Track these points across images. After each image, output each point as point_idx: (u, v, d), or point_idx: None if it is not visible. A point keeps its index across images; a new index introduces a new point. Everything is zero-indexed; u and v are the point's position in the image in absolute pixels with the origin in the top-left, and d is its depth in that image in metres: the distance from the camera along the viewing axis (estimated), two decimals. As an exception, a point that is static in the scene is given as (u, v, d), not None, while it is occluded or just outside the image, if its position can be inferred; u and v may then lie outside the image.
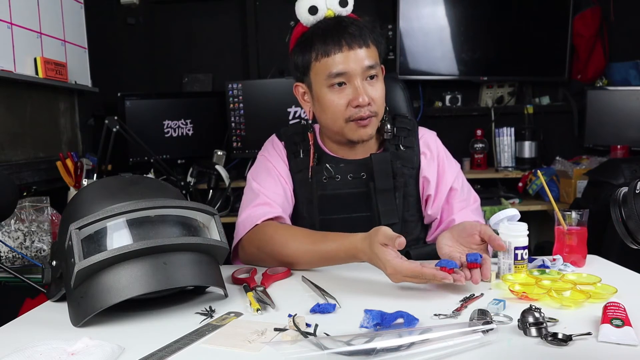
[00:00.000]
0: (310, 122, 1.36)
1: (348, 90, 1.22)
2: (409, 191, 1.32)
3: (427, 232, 1.38)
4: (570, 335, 0.74)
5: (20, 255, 1.63)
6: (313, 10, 1.24)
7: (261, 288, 0.99)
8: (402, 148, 1.33)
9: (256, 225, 1.23)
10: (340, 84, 1.22)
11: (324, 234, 1.14)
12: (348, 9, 1.26)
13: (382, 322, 0.80)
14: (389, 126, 1.31)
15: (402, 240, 0.95)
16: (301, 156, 1.32)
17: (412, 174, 1.32)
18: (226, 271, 1.05)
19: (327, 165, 1.30)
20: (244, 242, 1.24)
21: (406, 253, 1.27)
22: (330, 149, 1.34)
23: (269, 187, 1.30)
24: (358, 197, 1.29)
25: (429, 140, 1.37)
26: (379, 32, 1.26)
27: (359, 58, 1.20)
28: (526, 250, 1.06)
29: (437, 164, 1.34)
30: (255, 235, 1.22)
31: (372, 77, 1.23)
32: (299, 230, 1.19)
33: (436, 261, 0.99)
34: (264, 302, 0.92)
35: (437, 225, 1.34)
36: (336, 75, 1.20)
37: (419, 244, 1.33)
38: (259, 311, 0.89)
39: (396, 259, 0.95)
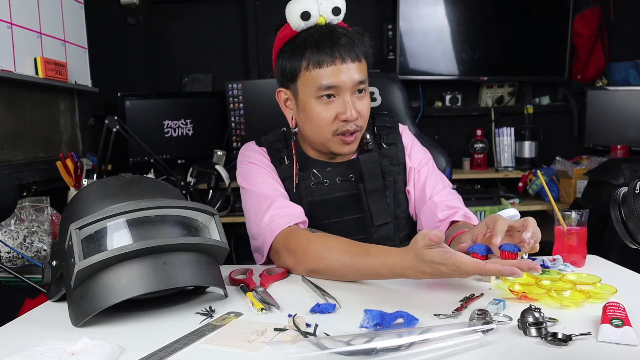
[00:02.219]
0: (293, 129, 1.31)
1: (337, 103, 1.20)
2: (399, 188, 1.33)
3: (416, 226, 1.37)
4: (570, 335, 0.74)
5: (20, 255, 1.63)
6: (305, 16, 1.20)
7: (261, 289, 0.99)
8: (385, 146, 1.33)
9: (283, 229, 1.16)
10: (329, 96, 1.20)
11: (362, 247, 1.05)
12: (340, 18, 1.24)
13: (382, 322, 0.80)
14: (368, 136, 1.30)
15: (438, 233, 0.85)
16: (286, 163, 1.29)
17: (399, 170, 1.33)
18: (224, 271, 1.04)
19: (314, 171, 1.28)
20: (278, 249, 1.16)
21: None
22: (313, 155, 1.32)
23: (279, 189, 1.26)
24: (348, 200, 1.28)
25: (404, 133, 1.38)
26: (369, 43, 1.24)
27: (350, 72, 1.18)
28: (526, 250, 1.06)
29: (411, 153, 1.36)
30: (287, 243, 1.14)
31: (360, 91, 1.22)
32: (335, 241, 1.09)
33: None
34: (268, 302, 0.92)
35: (414, 206, 1.34)
36: (327, 87, 1.18)
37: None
38: (264, 311, 0.89)
39: (452, 255, 0.84)
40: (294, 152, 1.29)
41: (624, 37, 3.09)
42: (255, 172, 1.29)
